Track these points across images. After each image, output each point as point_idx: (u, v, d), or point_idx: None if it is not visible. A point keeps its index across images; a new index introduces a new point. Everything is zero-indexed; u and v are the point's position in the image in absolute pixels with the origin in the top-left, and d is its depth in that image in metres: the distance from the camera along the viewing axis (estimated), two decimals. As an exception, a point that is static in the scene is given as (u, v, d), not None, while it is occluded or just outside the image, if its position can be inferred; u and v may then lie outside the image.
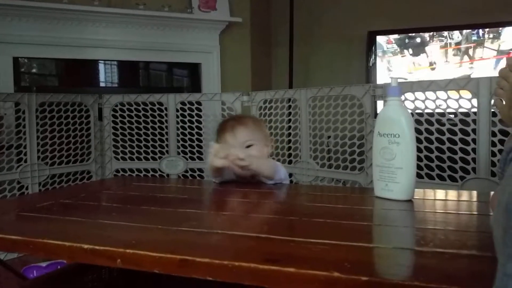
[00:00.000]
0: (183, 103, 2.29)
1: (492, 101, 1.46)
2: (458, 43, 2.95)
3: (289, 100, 2.11)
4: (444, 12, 3.05)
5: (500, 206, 0.44)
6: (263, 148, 1.25)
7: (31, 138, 2.04)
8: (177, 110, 2.29)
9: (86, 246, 0.63)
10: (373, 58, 3.11)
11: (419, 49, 3.03)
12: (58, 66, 2.81)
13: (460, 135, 1.55)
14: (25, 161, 2.04)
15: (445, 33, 2.97)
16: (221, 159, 1.11)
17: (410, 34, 3.05)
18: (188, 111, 2.29)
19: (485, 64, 2.87)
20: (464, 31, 2.92)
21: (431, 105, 1.61)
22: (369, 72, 3.16)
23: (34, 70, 2.77)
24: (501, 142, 1.45)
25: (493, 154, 1.48)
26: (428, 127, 1.63)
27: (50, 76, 2.85)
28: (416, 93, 1.64)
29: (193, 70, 3.13)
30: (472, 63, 2.89)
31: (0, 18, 2.48)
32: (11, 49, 2.53)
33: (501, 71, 0.84)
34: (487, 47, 2.88)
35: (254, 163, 1.13)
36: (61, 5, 2.55)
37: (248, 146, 1.21)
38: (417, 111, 1.65)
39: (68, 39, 2.66)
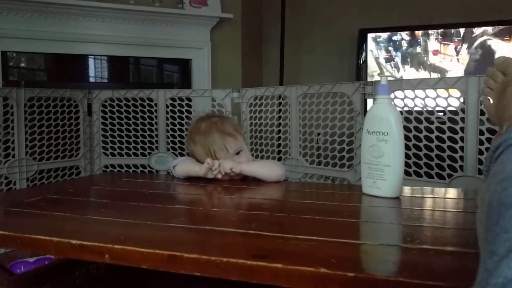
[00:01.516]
0: (173, 99, 2.28)
1: (480, 100, 1.47)
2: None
3: (280, 97, 2.11)
4: (436, 10, 3.08)
5: (483, 204, 0.45)
6: (247, 149, 1.30)
7: (19, 133, 2.02)
8: (167, 106, 2.28)
9: (74, 242, 0.63)
10: (363, 55, 3.13)
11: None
12: (47, 60, 2.79)
13: (448, 133, 1.56)
14: (13, 157, 2.02)
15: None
16: (214, 172, 1.18)
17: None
18: (178, 107, 2.28)
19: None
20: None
21: (420, 103, 1.63)
22: (359, 70, 3.17)
23: (22, 65, 2.74)
24: (489, 140, 1.47)
25: (481, 152, 1.49)
26: (417, 125, 1.64)
27: (39, 70, 2.83)
28: (405, 91, 1.65)
29: (184, 66, 3.12)
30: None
31: (-12, 11, 2.45)
32: (-1, 43, 2.51)
33: (488, 71, 0.85)
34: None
35: (245, 170, 1.19)
36: (51, -1, 2.53)
37: (237, 153, 1.24)
38: (406, 109, 1.66)
39: (57, 34, 2.64)
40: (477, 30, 2.90)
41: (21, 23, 2.54)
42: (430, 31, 2.99)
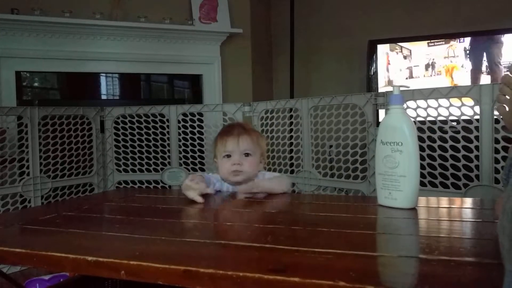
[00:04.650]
0: (184, 115, 2.29)
1: (495, 108, 1.46)
2: None
3: (291, 110, 2.11)
4: (445, 20, 3.07)
5: (505, 214, 0.44)
6: (257, 161, 1.29)
7: (33, 152, 2.05)
8: (179, 122, 2.29)
9: (90, 258, 0.63)
10: (374, 67, 3.12)
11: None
12: (60, 79, 2.83)
13: (463, 143, 1.55)
14: (28, 174, 2.04)
15: None
16: (197, 195, 1.11)
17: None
18: (189, 122, 2.29)
19: None
20: None
21: (433, 113, 1.61)
22: (370, 81, 3.16)
23: (36, 84, 2.78)
24: (504, 149, 1.45)
25: (497, 161, 1.47)
26: (430, 135, 1.62)
27: (52, 89, 2.87)
28: (418, 101, 1.64)
29: (195, 81, 3.14)
30: None
31: (3, 33, 2.50)
32: (13, 63, 2.55)
33: (503, 78, 0.84)
34: None
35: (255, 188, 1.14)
36: (63, 19, 2.57)
37: (246, 155, 1.26)
38: (419, 119, 1.65)
39: (69, 53, 2.68)
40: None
41: (33, 44, 2.59)
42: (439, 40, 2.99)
